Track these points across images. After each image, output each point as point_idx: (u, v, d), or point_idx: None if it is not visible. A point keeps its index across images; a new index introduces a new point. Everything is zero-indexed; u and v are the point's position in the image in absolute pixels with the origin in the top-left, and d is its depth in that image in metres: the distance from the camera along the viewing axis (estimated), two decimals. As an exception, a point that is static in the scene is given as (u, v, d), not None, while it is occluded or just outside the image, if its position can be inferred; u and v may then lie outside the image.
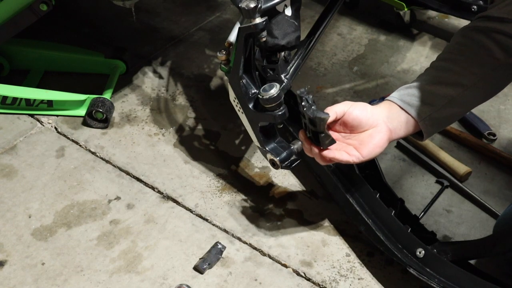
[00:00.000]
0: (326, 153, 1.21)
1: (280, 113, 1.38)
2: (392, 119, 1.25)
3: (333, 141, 1.20)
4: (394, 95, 1.28)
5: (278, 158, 1.45)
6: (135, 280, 1.40)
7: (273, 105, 1.37)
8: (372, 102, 1.91)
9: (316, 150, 1.23)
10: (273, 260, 1.47)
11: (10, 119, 1.83)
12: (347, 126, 1.24)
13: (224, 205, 1.60)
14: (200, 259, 1.45)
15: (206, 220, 1.56)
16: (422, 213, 1.57)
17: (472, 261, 1.38)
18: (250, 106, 1.43)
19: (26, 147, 1.74)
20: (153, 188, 1.64)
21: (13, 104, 1.81)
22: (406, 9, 2.17)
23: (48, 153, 1.73)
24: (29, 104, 1.81)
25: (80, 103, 1.84)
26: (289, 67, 1.49)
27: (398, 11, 2.27)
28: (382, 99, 1.92)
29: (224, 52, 1.44)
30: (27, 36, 1.93)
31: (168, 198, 1.61)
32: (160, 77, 2.05)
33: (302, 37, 1.53)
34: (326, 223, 1.57)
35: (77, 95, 1.83)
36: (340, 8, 1.76)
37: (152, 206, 1.59)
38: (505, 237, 1.22)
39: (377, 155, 1.25)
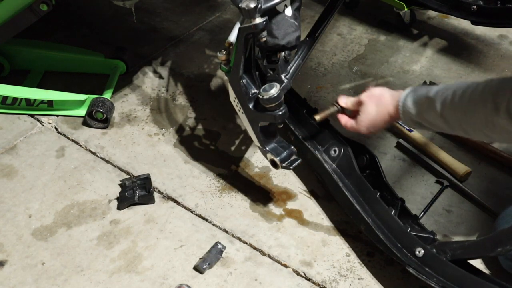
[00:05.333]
0: None
1: (280, 113, 1.38)
2: None
3: None
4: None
5: (278, 158, 1.45)
6: (135, 280, 1.40)
7: (273, 105, 1.37)
8: (372, 102, 1.91)
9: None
10: (273, 260, 1.47)
11: (10, 119, 1.83)
12: None
13: (224, 205, 1.60)
14: (200, 259, 1.44)
15: (206, 220, 1.56)
16: (422, 213, 1.57)
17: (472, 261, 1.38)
18: (250, 106, 1.43)
19: (26, 147, 1.74)
20: (153, 188, 1.64)
21: (13, 104, 1.81)
22: (406, 9, 2.17)
23: (48, 153, 1.73)
24: (29, 104, 1.81)
25: (80, 103, 1.84)
26: (289, 67, 1.49)
27: (398, 11, 2.27)
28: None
29: (224, 52, 1.43)
30: (27, 36, 1.93)
31: (168, 198, 1.61)
32: (160, 77, 2.05)
33: (302, 37, 1.53)
34: (326, 223, 1.57)
35: (77, 95, 1.83)
36: (340, 8, 1.76)
37: (152, 206, 1.59)
38: (506, 237, 1.22)
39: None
